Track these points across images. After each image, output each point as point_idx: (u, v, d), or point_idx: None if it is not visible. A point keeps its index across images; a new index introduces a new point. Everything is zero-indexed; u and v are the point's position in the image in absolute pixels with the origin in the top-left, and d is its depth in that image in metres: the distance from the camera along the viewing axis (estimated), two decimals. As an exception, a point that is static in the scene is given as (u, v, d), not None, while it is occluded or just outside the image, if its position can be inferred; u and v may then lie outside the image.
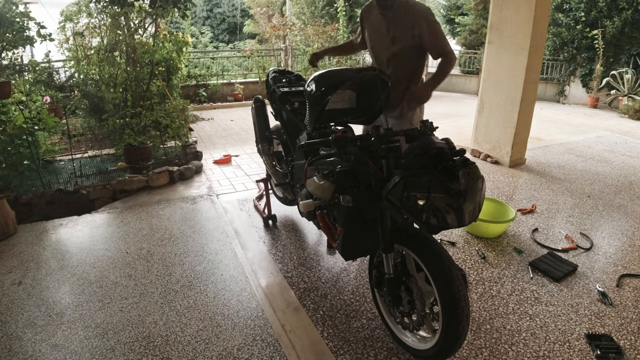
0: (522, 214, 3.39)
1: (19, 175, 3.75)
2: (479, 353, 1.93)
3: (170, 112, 4.78)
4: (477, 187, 1.56)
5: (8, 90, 3.68)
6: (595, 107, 8.52)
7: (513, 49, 4.23)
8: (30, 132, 3.81)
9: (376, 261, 1.96)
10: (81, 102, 5.10)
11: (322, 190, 1.91)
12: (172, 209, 3.54)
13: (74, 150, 4.85)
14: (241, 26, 18.99)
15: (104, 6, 4.53)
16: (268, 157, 3.13)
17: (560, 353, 1.93)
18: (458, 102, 9.07)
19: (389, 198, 1.57)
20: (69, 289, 2.44)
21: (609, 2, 8.06)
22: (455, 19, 13.20)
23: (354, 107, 2.29)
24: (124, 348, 1.98)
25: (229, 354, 1.94)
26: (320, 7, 13.92)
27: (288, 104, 2.64)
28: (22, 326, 2.13)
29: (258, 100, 3.19)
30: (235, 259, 2.75)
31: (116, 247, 2.91)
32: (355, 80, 2.12)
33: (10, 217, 3.12)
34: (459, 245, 2.90)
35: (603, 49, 8.17)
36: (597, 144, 5.60)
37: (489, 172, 4.38)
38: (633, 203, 3.64)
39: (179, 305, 2.28)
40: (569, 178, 4.25)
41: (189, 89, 8.34)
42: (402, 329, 1.92)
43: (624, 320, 2.15)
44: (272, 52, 10.44)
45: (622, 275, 2.54)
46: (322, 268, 2.63)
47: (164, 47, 5.41)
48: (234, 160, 4.94)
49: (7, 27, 3.82)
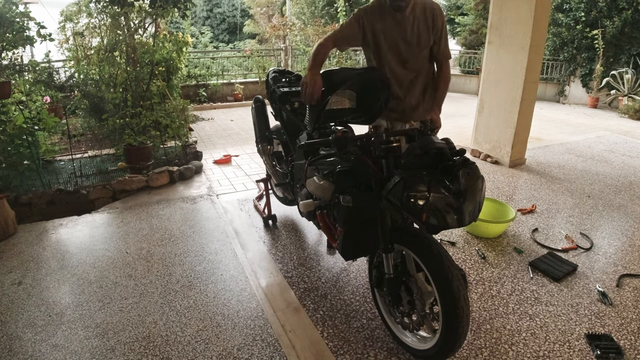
0: (522, 214, 3.39)
1: (19, 175, 3.75)
2: (479, 353, 1.93)
3: (170, 112, 4.78)
4: (477, 187, 1.56)
5: (8, 90, 3.68)
6: (595, 107, 8.52)
7: (513, 49, 4.23)
8: (30, 132, 3.81)
9: (376, 261, 1.96)
10: (81, 102, 5.10)
11: (322, 190, 1.91)
12: (172, 209, 3.54)
13: (74, 150, 4.85)
14: (241, 26, 19.00)
15: (104, 6, 4.53)
16: (268, 157, 3.13)
17: (560, 353, 1.93)
18: (458, 102, 9.07)
19: (389, 198, 1.57)
20: (69, 289, 2.44)
21: (609, 2, 8.06)
22: (455, 19, 13.21)
23: (354, 107, 2.29)
24: (124, 348, 1.98)
25: (229, 354, 1.94)
26: (320, 7, 13.92)
27: (288, 104, 2.64)
28: (22, 326, 2.13)
29: (258, 100, 3.19)
30: (235, 259, 2.75)
31: (116, 247, 2.91)
32: (355, 80, 2.12)
33: (10, 217, 3.12)
34: (459, 245, 2.90)
35: (603, 49, 8.17)
36: (597, 144, 5.60)
37: (489, 172, 4.38)
38: (633, 203, 3.64)
39: (179, 305, 2.28)
40: (569, 178, 4.25)
41: (189, 89, 8.34)
42: (402, 329, 1.92)
43: (624, 320, 2.15)
44: (272, 52, 10.44)
45: (622, 275, 2.54)
46: (322, 268, 2.63)
47: (164, 47, 5.41)
48: (234, 160, 4.94)
49: (7, 27, 3.82)
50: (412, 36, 2.15)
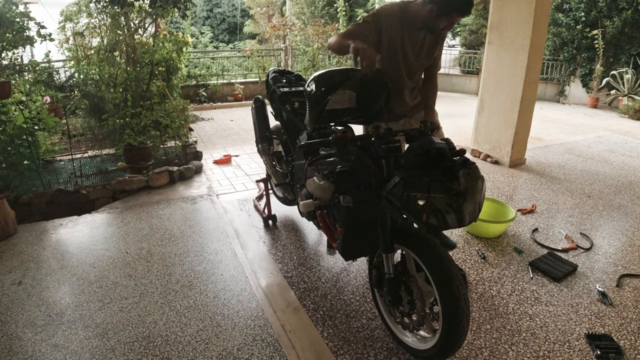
0: (522, 214, 3.39)
1: (19, 175, 3.75)
2: (479, 353, 1.93)
3: (170, 112, 4.78)
4: (477, 188, 1.56)
5: (8, 90, 3.68)
6: (595, 107, 8.52)
7: (513, 49, 4.23)
8: (30, 132, 3.81)
9: (376, 261, 1.96)
10: (81, 102, 5.10)
11: (322, 190, 1.91)
12: (172, 209, 3.54)
13: (74, 150, 4.85)
14: (241, 26, 19.00)
15: (104, 6, 4.53)
16: (268, 157, 3.13)
17: (560, 353, 1.93)
18: (458, 102, 9.07)
19: (389, 198, 1.57)
20: (69, 289, 2.44)
21: (609, 2, 8.06)
22: (455, 19, 13.20)
23: (354, 107, 2.29)
24: (124, 348, 1.98)
25: (229, 354, 1.94)
26: (320, 7, 13.93)
27: (288, 104, 2.64)
28: (22, 326, 2.13)
29: (258, 100, 3.18)
30: (235, 259, 2.75)
31: (116, 247, 2.91)
32: (355, 80, 2.12)
33: (10, 217, 3.12)
34: (459, 245, 2.90)
35: (603, 49, 8.17)
36: (597, 144, 5.60)
37: (489, 172, 4.38)
38: (633, 203, 3.64)
39: (179, 305, 2.28)
40: (569, 178, 4.25)
41: (189, 89, 8.34)
42: (402, 329, 1.92)
43: (624, 320, 2.15)
44: (272, 52, 10.44)
45: (622, 275, 2.54)
46: (322, 268, 2.63)
47: (164, 47, 5.40)
48: (234, 160, 4.94)
49: (7, 27, 3.82)
50: (422, 50, 2.28)
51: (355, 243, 2.02)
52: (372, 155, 1.79)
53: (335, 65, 9.35)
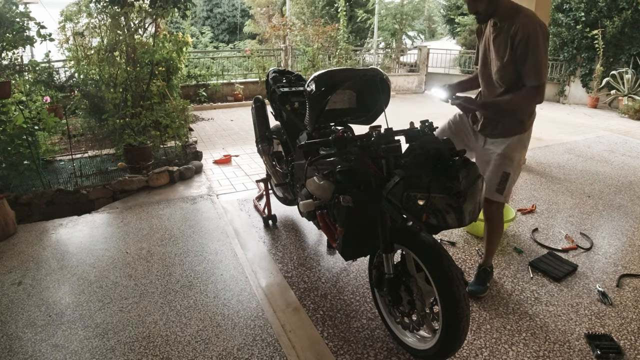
0: (522, 214, 3.39)
1: (19, 175, 3.75)
2: (479, 353, 1.93)
3: (170, 112, 4.78)
4: (477, 187, 1.56)
5: (8, 90, 3.68)
6: (595, 107, 8.52)
7: (513, 49, 4.22)
8: (30, 132, 3.81)
9: (376, 261, 1.96)
10: (81, 102, 5.10)
11: (322, 190, 1.91)
12: (172, 209, 3.54)
13: (74, 150, 4.85)
14: (241, 26, 19.01)
15: (104, 6, 4.53)
16: (268, 157, 3.13)
17: (560, 353, 1.93)
18: (458, 102, 9.07)
19: (389, 198, 1.57)
20: (69, 289, 2.44)
21: (609, 2, 8.06)
22: (455, 19, 13.22)
23: (354, 107, 2.29)
24: (124, 348, 1.98)
25: (229, 354, 1.94)
26: (320, 7, 13.94)
27: (288, 104, 2.64)
28: (22, 326, 2.13)
29: (258, 100, 3.19)
30: (235, 259, 2.75)
31: (116, 247, 2.91)
32: (355, 80, 2.12)
33: (10, 217, 3.12)
34: (459, 245, 2.90)
35: (603, 49, 8.17)
36: (597, 144, 5.60)
37: (489, 172, 4.37)
38: (633, 203, 3.64)
39: (179, 305, 2.28)
40: (569, 178, 4.25)
41: (189, 89, 8.34)
42: (402, 329, 1.92)
43: (624, 320, 2.15)
44: (272, 52, 10.44)
45: (622, 275, 2.54)
46: (322, 268, 2.63)
47: (164, 47, 5.41)
48: (234, 160, 4.94)
49: (7, 27, 3.82)
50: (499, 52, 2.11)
51: (355, 243, 2.02)
52: (372, 155, 1.79)
53: (335, 65, 9.35)
